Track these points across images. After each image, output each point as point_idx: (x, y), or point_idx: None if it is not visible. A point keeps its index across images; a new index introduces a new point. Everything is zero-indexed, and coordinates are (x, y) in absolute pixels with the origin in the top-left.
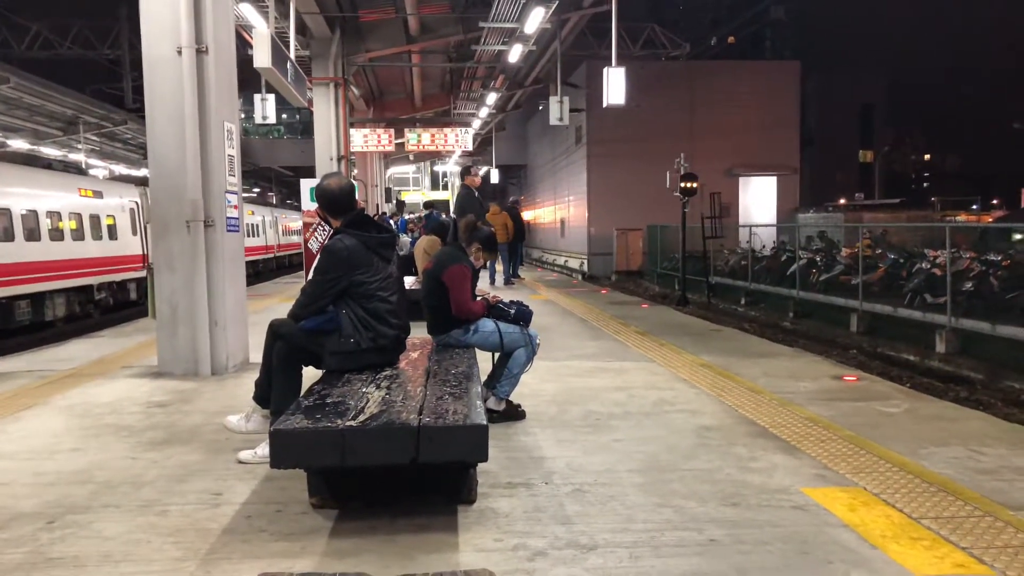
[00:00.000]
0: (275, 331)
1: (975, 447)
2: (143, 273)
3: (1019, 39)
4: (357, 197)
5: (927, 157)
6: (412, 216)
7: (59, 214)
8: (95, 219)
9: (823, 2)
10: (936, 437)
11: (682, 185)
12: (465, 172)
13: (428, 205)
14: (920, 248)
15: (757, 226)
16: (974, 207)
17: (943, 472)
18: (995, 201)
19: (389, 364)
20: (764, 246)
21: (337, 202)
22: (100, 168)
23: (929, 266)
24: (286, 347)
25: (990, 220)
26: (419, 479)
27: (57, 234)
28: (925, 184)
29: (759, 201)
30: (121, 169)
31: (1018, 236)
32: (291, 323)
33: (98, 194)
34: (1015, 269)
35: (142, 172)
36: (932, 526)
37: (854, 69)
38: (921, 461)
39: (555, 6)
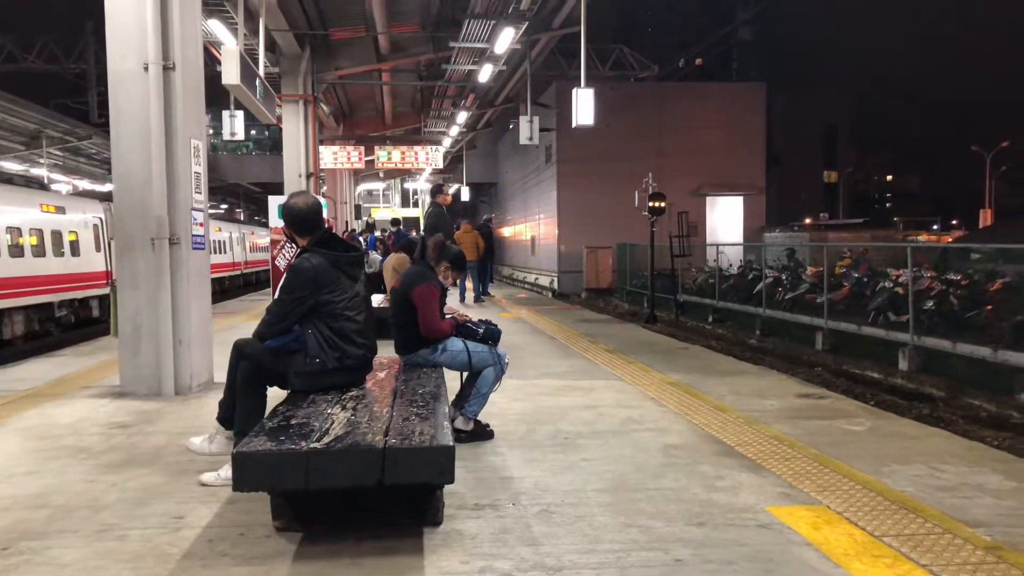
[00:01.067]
0: (240, 350)
1: (936, 464)
2: (107, 290)
3: (981, 62)
4: (325, 215)
5: (889, 178)
6: (384, 233)
7: (19, 230)
8: (57, 235)
9: (789, 25)
10: (899, 455)
11: (650, 204)
12: (437, 191)
13: (395, 222)
14: (884, 267)
15: (724, 245)
16: (935, 227)
17: (905, 490)
18: (955, 222)
19: (355, 384)
20: (731, 265)
21: (304, 221)
22: (63, 183)
23: (892, 285)
24: (251, 367)
25: (950, 240)
26: (385, 501)
27: (17, 250)
28: (888, 204)
29: (726, 220)
30: (85, 184)
31: (975, 256)
32: (256, 343)
33: (60, 210)
34: (973, 288)
35: (107, 187)
36: (894, 544)
37: (819, 90)
38: (884, 479)
39: (525, 27)
